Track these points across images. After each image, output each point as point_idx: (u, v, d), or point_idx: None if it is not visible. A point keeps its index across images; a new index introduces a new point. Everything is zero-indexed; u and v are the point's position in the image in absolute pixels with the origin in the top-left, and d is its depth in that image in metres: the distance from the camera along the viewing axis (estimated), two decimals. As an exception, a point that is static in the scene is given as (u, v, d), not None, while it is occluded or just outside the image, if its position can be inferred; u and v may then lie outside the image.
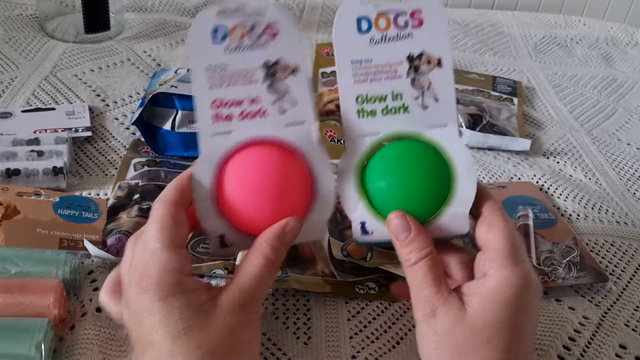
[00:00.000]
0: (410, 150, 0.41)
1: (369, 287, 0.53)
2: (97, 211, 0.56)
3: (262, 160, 0.40)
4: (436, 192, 0.41)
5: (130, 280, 0.38)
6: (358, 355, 0.48)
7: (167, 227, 0.39)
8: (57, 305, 0.45)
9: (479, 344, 0.38)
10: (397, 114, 0.42)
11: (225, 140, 0.41)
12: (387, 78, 0.41)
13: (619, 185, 0.72)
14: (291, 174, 0.40)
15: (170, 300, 0.37)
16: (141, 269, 0.38)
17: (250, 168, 0.40)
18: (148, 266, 0.38)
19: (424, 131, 0.42)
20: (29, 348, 0.41)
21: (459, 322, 0.38)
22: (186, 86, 0.67)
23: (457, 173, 0.41)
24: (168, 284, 0.37)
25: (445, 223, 0.41)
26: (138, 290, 0.38)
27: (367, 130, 0.42)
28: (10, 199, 0.55)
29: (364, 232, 0.42)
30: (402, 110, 0.42)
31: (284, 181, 0.40)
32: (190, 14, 0.97)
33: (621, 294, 0.57)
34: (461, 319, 0.38)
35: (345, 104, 0.42)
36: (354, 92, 0.41)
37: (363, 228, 0.42)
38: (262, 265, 0.39)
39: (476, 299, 0.39)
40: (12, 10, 0.90)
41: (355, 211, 0.42)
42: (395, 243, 0.41)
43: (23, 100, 0.72)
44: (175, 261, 0.38)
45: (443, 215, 0.41)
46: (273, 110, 0.41)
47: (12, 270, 0.47)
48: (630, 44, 1.08)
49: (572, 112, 0.87)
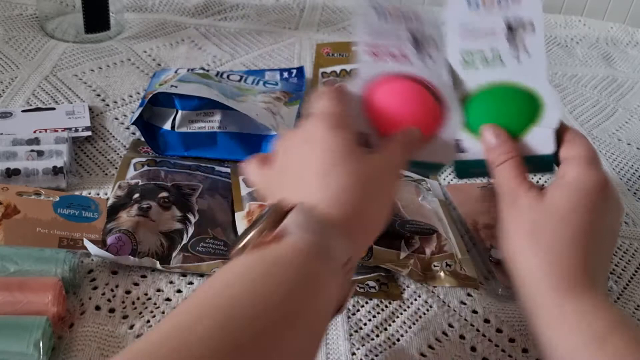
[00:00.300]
0: (504, 87, 0.49)
1: (369, 286, 0.53)
2: (97, 211, 0.56)
3: (406, 84, 0.48)
4: (525, 114, 0.47)
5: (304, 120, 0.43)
6: (357, 353, 0.48)
7: (339, 97, 0.44)
8: (56, 303, 0.45)
9: (554, 222, 0.40)
10: (496, 67, 0.49)
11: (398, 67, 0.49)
12: (487, 36, 0.49)
13: (620, 185, 0.72)
14: (428, 98, 0.48)
15: (335, 131, 0.41)
16: (318, 109, 0.43)
17: (397, 87, 0.48)
18: (325, 107, 0.43)
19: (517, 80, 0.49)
20: (28, 346, 0.41)
21: (536, 203, 0.41)
22: (186, 86, 0.67)
23: (544, 103, 0.47)
24: (332, 118, 0.41)
25: (534, 141, 0.47)
26: (295, 129, 0.43)
27: (468, 78, 0.49)
28: (10, 198, 0.55)
29: (460, 151, 0.49)
30: (499, 63, 0.49)
31: (421, 102, 0.48)
32: (190, 14, 0.98)
33: (622, 293, 0.57)
34: (538, 201, 0.42)
35: (452, 57, 0.49)
36: (459, 47, 0.49)
37: (459, 146, 0.49)
38: (398, 142, 0.44)
39: (554, 188, 0.43)
40: (12, 10, 0.90)
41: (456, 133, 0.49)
42: (485, 150, 0.46)
43: (23, 100, 0.72)
44: (340, 107, 0.43)
45: (532, 134, 0.47)
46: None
47: (11, 269, 0.47)
48: (630, 44, 1.08)
49: (572, 112, 0.86)
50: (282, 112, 0.70)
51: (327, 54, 0.88)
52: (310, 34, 0.98)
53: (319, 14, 1.04)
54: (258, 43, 0.93)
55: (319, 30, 1.00)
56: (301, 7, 1.05)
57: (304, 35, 0.97)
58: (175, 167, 0.62)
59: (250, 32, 0.96)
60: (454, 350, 0.49)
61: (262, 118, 0.66)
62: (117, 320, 0.48)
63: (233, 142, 0.66)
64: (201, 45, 0.90)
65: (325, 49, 0.89)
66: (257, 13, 1.01)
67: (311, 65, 0.88)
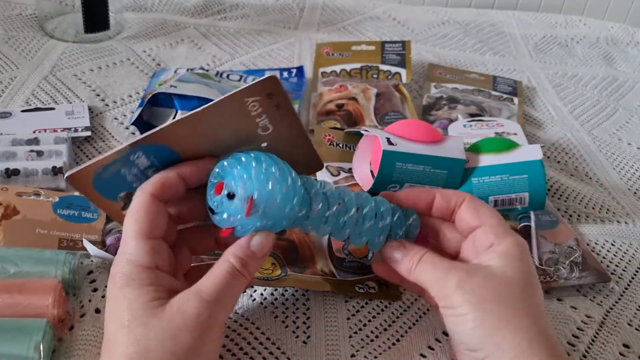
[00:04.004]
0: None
1: (369, 287, 0.53)
2: (96, 211, 0.56)
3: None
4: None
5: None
6: (357, 354, 0.48)
7: (141, 217, 0.39)
8: (56, 306, 0.45)
9: (516, 294, 0.40)
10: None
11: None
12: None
13: (620, 185, 0.72)
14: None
15: (125, 290, 0.38)
16: (115, 256, 0.40)
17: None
18: (118, 254, 0.39)
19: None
20: (28, 348, 0.41)
21: (490, 277, 0.40)
22: (186, 86, 0.67)
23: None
24: (124, 274, 0.38)
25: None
26: (110, 276, 0.39)
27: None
28: (10, 199, 0.55)
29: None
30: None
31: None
32: (189, 14, 0.97)
33: (623, 293, 0.57)
34: (492, 274, 0.41)
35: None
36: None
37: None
38: (226, 274, 0.39)
39: (496, 260, 0.41)
40: (12, 10, 0.90)
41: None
42: (394, 265, 0.45)
43: (22, 100, 0.72)
44: (139, 252, 0.38)
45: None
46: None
47: (11, 270, 0.47)
48: (630, 44, 1.08)
49: (572, 111, 0.86)
50: (282, 113, 0.69)
51: (327, 54, 0.88)
52: (310, 34, 0.98)
53: (318, 14, 1.04)
54: (258, 43, 0.93)
55: (319, 30, 1.00)
56: (301, 7, 1.05)
57: (304, 35, 0.97)
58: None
59: (250, 32, 0.95)
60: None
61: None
62: (117, 321, 0.48)
63: (233, 143, 0.66)
64: (201, 45, 0.90)
65: (325, 48, 0.89)
66: (257, 13, 1.01)
67: (311, 65, 0.88)
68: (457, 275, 0.41)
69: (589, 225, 0.65)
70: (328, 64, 0.86)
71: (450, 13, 1.10)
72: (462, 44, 1.01)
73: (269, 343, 0.48)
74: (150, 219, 0.39)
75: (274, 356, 0.47)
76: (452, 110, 0.78)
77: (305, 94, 0.81)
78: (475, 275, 0.41)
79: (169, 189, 0.41)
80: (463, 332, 0.40)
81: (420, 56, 0.95)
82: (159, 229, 0.40)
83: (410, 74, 0.84)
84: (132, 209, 0.40)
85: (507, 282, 0.40)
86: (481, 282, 0.40)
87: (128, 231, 0.39)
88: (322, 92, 0.79)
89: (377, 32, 1.01)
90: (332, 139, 0.67)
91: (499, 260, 0.41)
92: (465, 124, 0.73)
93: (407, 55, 0.86)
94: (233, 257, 0.40)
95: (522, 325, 0.39)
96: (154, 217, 0.39)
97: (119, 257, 0.39)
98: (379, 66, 0.85)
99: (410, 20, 1.06)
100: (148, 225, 0.39)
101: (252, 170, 0.40)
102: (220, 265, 0.40)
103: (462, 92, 0.84)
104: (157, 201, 0.40)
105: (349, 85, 0.78)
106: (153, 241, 0.39)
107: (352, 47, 0.89)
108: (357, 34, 1.00)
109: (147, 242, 0.39)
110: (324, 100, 0.77)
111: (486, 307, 0.39)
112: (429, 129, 0.62)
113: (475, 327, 0.39)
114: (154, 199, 0.40)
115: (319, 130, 0.68)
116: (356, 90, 0.77)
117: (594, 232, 0.63)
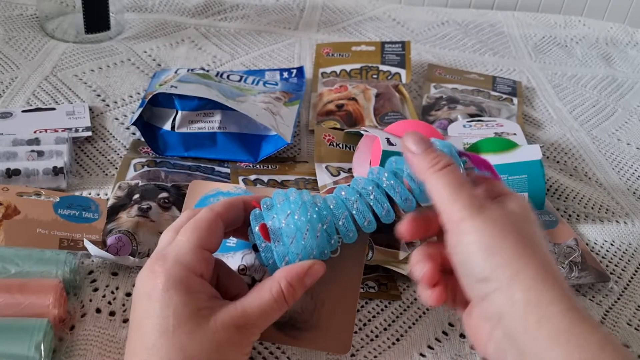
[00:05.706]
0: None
1: (369, 286, 0.53)
2: (97, 211, 0.56)
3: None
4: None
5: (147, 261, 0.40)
6: (357, 354, 0.48)
7: (201, 229, 0.41)
8: (57, 305, 0.45)
9: (532, 226, 0.39)
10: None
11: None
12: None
13: (619, 185, 0.72)
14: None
15: (171, 293, 0.38)
16: (160, 253, 0.40)
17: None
18: (167, 253, 0.40)
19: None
20: (29, 348, 0.41)
21: (505, 212, 0.38)
22: (186, 86, 0.67)
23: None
24: (175, 276, 0.38)
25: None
26: (148, 272, 0.39)
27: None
28: (11, 199, 0.55)
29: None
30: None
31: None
32: (190, 14, 0.97)
33: (622, 293, 0.57)
34: (507, 209, 0.39)
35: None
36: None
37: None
38: (274, 298, 0.40)
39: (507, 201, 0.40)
40: (12, 10, 0.90)
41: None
42: (415, 154, 0.41)
43: (23, 100, 0.72)
44: (193, 258, 0.39)
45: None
46: None
47: (12, 270, 0.47)
48: (630, 44, 1.08)
49: (572, 112, 0.87)
50: (282, 112, 0.70)
51: (327, 54, 0.88)
52: (310, 34, 0.98)
53: (319, 14, 1.04)
54: (258, 43, 0.93)
55: (319, 30, 1.00)
56: (301, 7, 1.05)
57: (304, 35, 0.97)
58: (175, 167, 0.62)
59: (250, 32, 0.96)
60: (454, 350, 0.49)
61: (261, 118, 0.66)
62: (117, 324, 0.48)
63: (233, 143, 0.66)
64: (201, 46, 0.90)
65: (325, 49, 0.89)
66: (257, 13, 1.01)
67: (311, 65, 0.88)
68: (478, 203, 0.38)
69: (588, 225, 0.65)
70: (328, 65, 0.86)
71: (450, 13, 1.11)
72: (462, 45, 1.02)
73: (269, 343, 0.48)
74: (211, 233, 0.41)
75: (273, 356, 0.47)
76: (451, 110, 0.79)
77: (305, 94, 0.81)
78: (495, 207, 0.39)
79: (233, 213, 0.44)
80: (475, 262, 0.38)
81: (420, 56, 0.95)
82: (215, 244, 0.42)
83: (410, 74, 0.84)
84: (197, 219, 0.42)
85: (523, 217, 0.39)
86: (498, 215, 0.38)
87: (187, 238, 0.41)
88: (322, 92, 0.79)
89: (377, 32, 1.01)
90: (332, 139, 0.67)
91: (510, 202, 0.40)
92: (464, 124, 0.74)
93: (406, 56, 0.86)
94: (284, 282, 0.41)
95: (536, 259, 0.37)
96: (214, 232, 0.42)
97: (168, 257, 0.39)
98: (378, 66, 0.86)
99: (410, 20, 1.07)
100: (207, 238, 0.41)
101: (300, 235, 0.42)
102: (270, 287, 0.40)
103: (461, 92, 0.84)
104: (220, 220, 0.42)
105: (349, 85, 0.78)
106: (206, 252, 0.41)
107: (352, 47, 0.89)
108: (357, 35, 1.00)
109: (202, 252, 0.40)
110: (324, 101, 0.77)
111: (502, 235, 0.37)
112: (429, 129, 0.62)
113: (488, 257, 0.37)
114: (218, 217, 0.42)
115: (319, 130, 0.68)
116: (356, 91, 0.77)
117: (593, 232, 0.64)
